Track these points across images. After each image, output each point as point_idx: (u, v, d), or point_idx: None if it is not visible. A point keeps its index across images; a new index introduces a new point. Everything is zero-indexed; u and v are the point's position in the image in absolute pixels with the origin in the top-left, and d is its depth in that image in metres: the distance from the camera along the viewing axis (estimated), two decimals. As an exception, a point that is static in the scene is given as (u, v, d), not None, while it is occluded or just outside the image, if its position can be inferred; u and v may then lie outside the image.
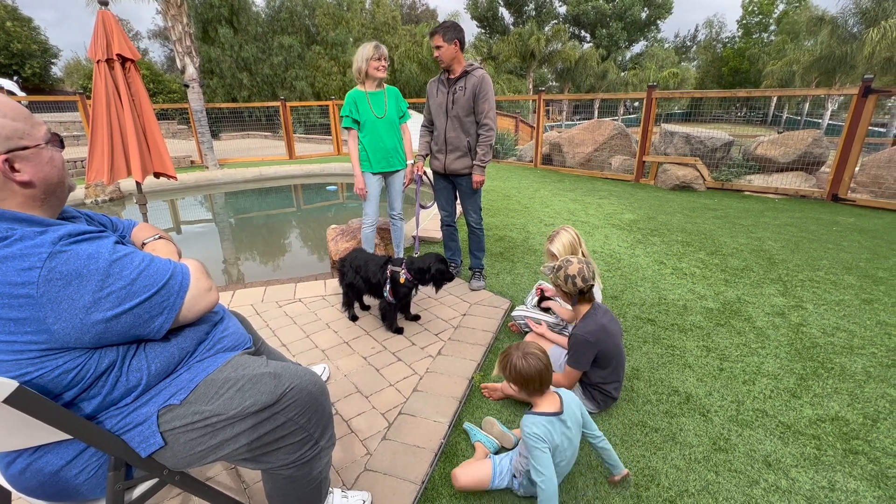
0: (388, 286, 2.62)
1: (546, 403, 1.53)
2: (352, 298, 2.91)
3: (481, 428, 1.90)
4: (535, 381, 1.50)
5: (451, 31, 2.88)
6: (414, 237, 4.39)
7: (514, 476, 1.59)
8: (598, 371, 1.95)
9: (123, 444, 1.01)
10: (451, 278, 2.67)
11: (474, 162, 3.08)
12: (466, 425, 1.93)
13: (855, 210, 5.64)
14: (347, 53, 21.72)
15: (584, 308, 2.01)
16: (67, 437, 0.94)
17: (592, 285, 1.98)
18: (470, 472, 1.61)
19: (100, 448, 0.98)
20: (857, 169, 6.04)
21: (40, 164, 0.97)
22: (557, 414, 1.49)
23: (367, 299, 3.03)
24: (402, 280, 2.59)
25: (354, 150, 3.18)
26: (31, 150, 0.96)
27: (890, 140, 9.85)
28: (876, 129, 17.96)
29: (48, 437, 0.94)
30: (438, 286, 2.68)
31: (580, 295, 1.97)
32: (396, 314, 2.77)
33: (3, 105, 0.94)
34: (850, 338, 2.63)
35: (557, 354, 2.22)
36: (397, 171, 3.30)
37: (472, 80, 2.94)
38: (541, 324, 2.45)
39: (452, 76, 3.00)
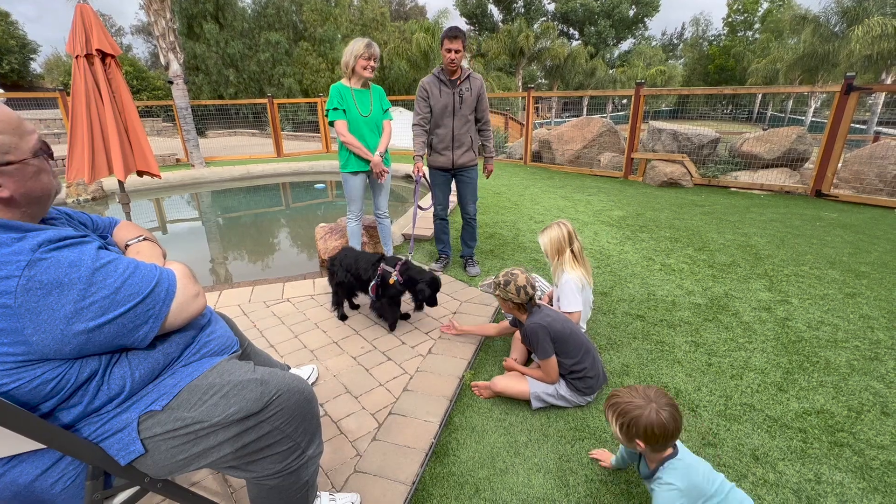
0: (373, 283, 2.59)
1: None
2: (341, 297, 2.88)
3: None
4: (671, 437, 1.29)
5: (465, 36, 3.10)
6: (404, 235, 4.37)
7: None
8: (564, 361, 1.99)
9: (102, 452, 0.97)
10: (434, 304, 2.65)
11: (486, 155, 3.52)
12: None
13: (838, 205, 5.74)
14: (336, 50, 21.51)
15: (527, 312, 2.10)
16: (42, 445, 0.90)
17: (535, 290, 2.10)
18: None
19: (76, 457, 0.95)
20: (839, 165, 6.14)
21: (23, 180, 0.93)
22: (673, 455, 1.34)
23: (354, 298, 3.00)
24: (391, 281, 2.56)
25: (353, 138, 3.07)
26: (15, 165, 0.91)
27: (871, 137, 10.06)
28: (857, 125, 18.32)
29: (22, 447, 0.90)
30: (421, 304, 2.64)
31: (529, 301, 2.06)
32: (396, 311, 2.72)
33: None
34: (834, 331, 2.67)
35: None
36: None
37: (476, 82, 3.24)
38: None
39: (454, 78, 3.17)
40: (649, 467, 1.39)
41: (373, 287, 2.59)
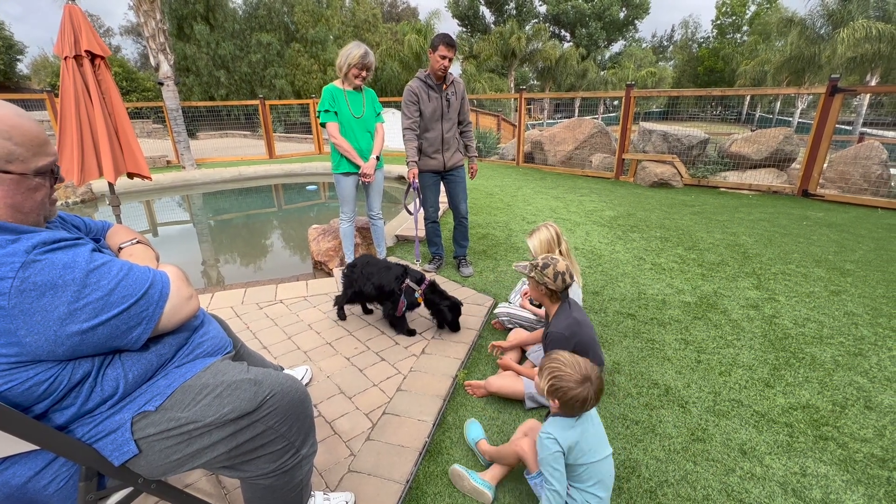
0: (402, 300, 2.58)
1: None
2: (349, 301, 2.84)
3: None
4: (582, 410, 1.45)
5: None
6: (397, 237, 4.38)
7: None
8: None
9: (95, 453, 0.97)
10: (456, 329, 2.65)
11: (470, 155, 3.59)
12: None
13: (824, 205, 5.84)
14: (328, 51, 21.46)
15: (557, 305, 2.02)
16: (35, 447, 0.90)
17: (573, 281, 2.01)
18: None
19: (70, 458, 0.95)
20: (825, 165, 6.25)
21: (16, 192, 0.93)
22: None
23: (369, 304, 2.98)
24: (417, 299, 2.58)
25: (344, 141, 3.10)
26: (12, 175, 0.92)
27: (856, 137, 10.25)
28: (843, 126, 18.63)
29: (15, 448, 0.90)
30: (441, 323, 2.67)
31: (564, 290, 1.98)
32: (405, 320, 2.72)
33: (12, 127, 0.90)
34: (819, 328, 2.73)
35: (536, 358, 2.24)
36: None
37: (460, 86, 3.36)
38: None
39: (440, 82, 3.23)
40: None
41: (401, 303, 2.59)
